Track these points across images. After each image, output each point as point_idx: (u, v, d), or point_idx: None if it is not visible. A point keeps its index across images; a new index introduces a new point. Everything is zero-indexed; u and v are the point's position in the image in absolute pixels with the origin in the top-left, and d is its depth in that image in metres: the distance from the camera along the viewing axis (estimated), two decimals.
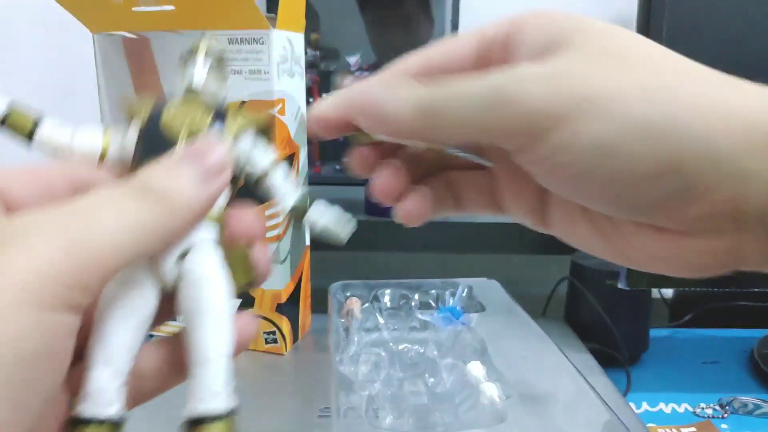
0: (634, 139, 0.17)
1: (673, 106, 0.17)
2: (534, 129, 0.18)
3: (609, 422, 0.39)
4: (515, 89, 0.18)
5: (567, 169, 0.18)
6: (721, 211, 0.17)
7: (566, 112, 0.17)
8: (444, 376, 0.43)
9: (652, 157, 0.17)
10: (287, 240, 0.53)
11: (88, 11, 0.50)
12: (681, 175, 0.17)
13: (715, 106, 0.17)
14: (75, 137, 0.22)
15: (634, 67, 0.18)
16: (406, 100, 0.19)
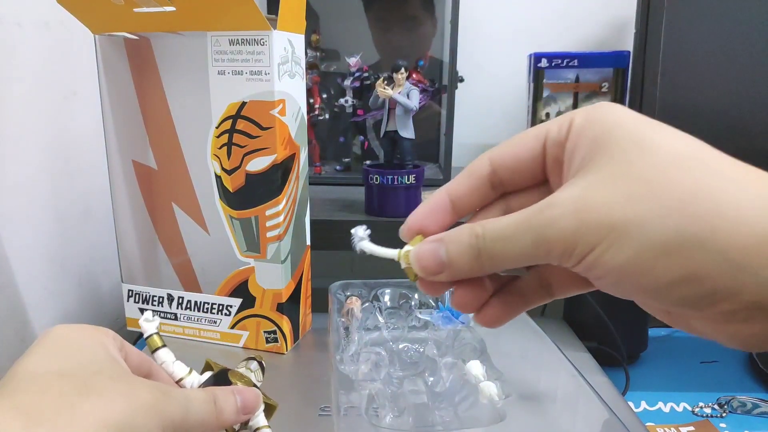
0: (652, 257, 0.19)
1: (688, 226, 0.19)
2: (569, 255, 0.21)
3: (608, 421, 0.39)
4: (551, 230, 0.21)
5: (602, 280, 0.21)
6: (748, 307, 0.19)
7: (594, 240, 0.20)
8: (443, 375, 0.43)
9: (671, 271, 0.19)
10: (288, 240, 0.53)
11: (89, 12, 0.50)
12: (701, 284, 0.19)
13: (729, 221, 0.19)
14: (174, 364, 0.36)
15: (654, 190, 0.20)
16: (461, 254, 0.23)
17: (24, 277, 0.57)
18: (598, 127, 0.22)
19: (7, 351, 0.55)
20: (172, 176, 0.54)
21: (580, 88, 1.01)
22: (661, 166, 0.20)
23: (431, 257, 0.24)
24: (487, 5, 1.14)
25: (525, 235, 0.22)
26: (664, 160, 0.20)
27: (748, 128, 0.56)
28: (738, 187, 0.19)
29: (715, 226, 0.19)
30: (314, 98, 0.93)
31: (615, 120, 0.22)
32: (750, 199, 0.19)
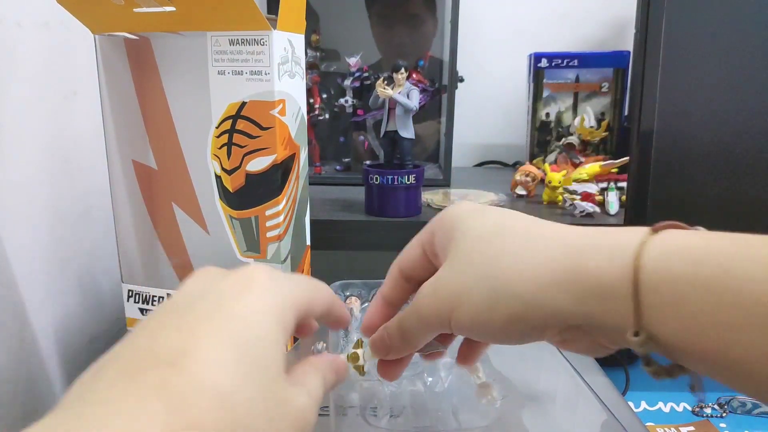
0: (485, 311, 0.27)
1: (495, 284, 0.27)
2: (441, 324, 0.29)
3: (606, 421, 0.39)
4: (424, 309, 0.30)
5: (468, 333, 0.30)
6: (566, 329, 0.26)
7: (447, 309, 0.28)
8: (442, 376, 0.43)
9: (500, 318, 0.26)
10: (288, 240, 0.53)
11: (89, 12, 0.50)
12: (524, 322, 0.26)
13: (519, 273, 0.26)
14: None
15: (472, 262, 0.28)
16: (393, 336, 0.32)
17: (24, 277, 0.57)
18: (446, 226, 0.31)
19: (7, 351, 0.55)
20: (172, 176, 0.54)
21: (580, 88, 1.01)
22: (473, 244, 0.28)
23: (380, 341, 0.33)
24: (488, 5, 1.14)
25: (413, 318, 0.31)
26: (476, 238, 0.28)
27: (749, 128, 0.56)
28: (528, 245, 0.27)
29: (511, 279, 0.26)
30: (314, 98, 0.93)
31: (454, 218, 0.31)
32: (537, 252, 0.26)
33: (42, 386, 0.60)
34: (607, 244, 0.25)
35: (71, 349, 0.65)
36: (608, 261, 0.24)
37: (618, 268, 0.23)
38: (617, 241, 0.25)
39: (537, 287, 0.25)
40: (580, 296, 0.24)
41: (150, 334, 0.22)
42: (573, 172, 0.81)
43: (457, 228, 0.30)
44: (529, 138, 1.05)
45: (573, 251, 0.25)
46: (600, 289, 0.24)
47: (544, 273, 0.25)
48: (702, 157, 0.56)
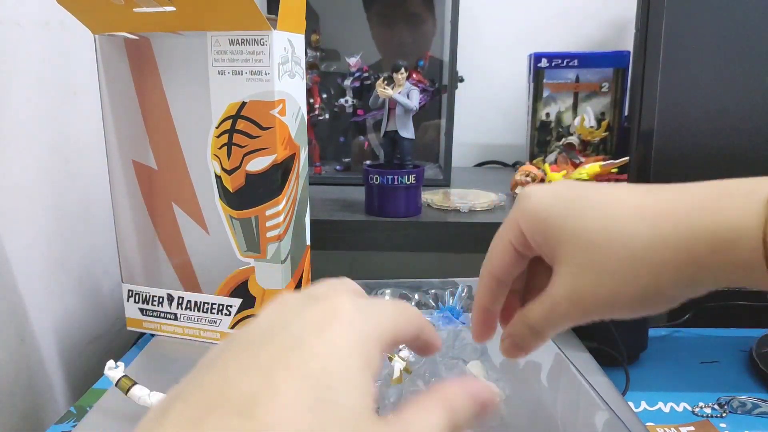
0: (638, 306, 0.29)
1: (643, 286, 0.28)
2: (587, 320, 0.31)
3: (608, 421, 0.39)
4: (567, 315, 0.31)
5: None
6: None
7: (598, 313, 0.30)
8: (444, 376, 0.43)
9: (653, 307, 0.28)
10: (288, 240, 0.53)
11: (89, 12, 0.50)
12: (673, 297, 0.28)
13: (657, 259, 0.27)
14: (151, 395, 0.41)
15: (614, 271, 0.28)
16: (524, 337, 0.33)
17: (24, 277, 0.57)
18: (542, 227, 0.31)
19: (7, 351, 0.55)
20: (172, 176, 0.54)
21: (580, 88, 1.01)
22: (593, 248, 0.29)
23: (514, 347, 0.34)
24: (488, 5, 1.14)
25: (554, 318, 0.31)
26: (589, 242, 0.29)
27: (750, 128, 0.56)
28: (640, 233, 0.27)
29: (643, 273, 0.27)
30: (314, 98, 0.93)
31: (547, 217, 0.30)
32: (653, 236, 0.27)
33: (42, 386, 0.60)
34: (725, 219, 0.25)
35: (71, 349, 0.65)
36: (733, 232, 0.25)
37: (742, 249, 0.24)
38: (730, 215, 0.25)
39: (672, 267, 0.26)
40: (707, 255, 0.25)
41: (221, 373, 0.20)
42: (573, 172, 0.81)
43: (562, 231, 0.30)
44: (529, 138, 1.05)
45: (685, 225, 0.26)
46: (726, 259, 0.25)
47: (670, 255, 0.26)
48: (702, 157, 0.56)
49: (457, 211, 0.74)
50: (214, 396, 0.19)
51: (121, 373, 0.42)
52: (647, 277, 0.27)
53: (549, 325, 0.31)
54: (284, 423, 0.18)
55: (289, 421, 0.18)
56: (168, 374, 0.49)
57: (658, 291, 0.27)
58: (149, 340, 0.58)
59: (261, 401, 0.18)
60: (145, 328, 0.59)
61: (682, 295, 0.27)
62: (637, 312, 0.28)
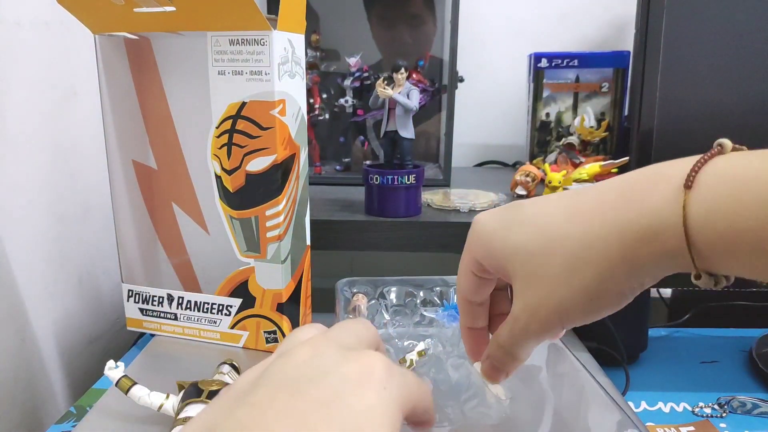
0: (588, 308, 0.29)
1: (585, 288, 0.28)
2: (552, 332, 0.31)
3: (616, 418, 0.39)
4: (533, 329, 0.30)
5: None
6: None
7: (556, 320, 0.30)
8: (450, 375, 0.43)
9: (603, 305, 0.28)
10: (288, 240, 0.53)
11: (89, 12, 0.50)
12: (629, 290, 0.28)
13: (596, 258, 0.28)
14: (150, 395, 0.42)
15: (559, 278, 0.29)
16: (500, 359, 0.34)
17: (24, 277, 0.57)
18: (488, 250, 0.32)
19: (7, 351, 0.55)
20: (172, 176, 0.54)
21: (580, 88, 1.01)
22: (536, 260, 0.29)
23: (492, 370, 0.34)
24: (488, 5, 1.14)
25: (522, 337, 0.31)
26: (530, 255, 0.29)
27: (750, 128, 0.56)
28: (577, 242, 0.28)
29: (589, 275, 0.28)
30: (314, 98, 0.93)
31: (489, 239, 0.31)
32: (592, 239, 0.28)
33: (42, 386, 0.60)
34: (648, 209, 0.25)
35: (71, 349, 0.65)
36: (658, 224, 0.25)
37: (667, 238, 0.25)
38: (652, 206, 0.25)
39: (608, 261, 0.27)
40: (641, 247, 0.26)
41: (258, 413, 0.21)
42: (573, 172, 0.81)
43: (505, 249, 0.30)
44: (529, 138, 1.05)
45: (619, 226, 0.26)
46: (655, 249, 0.25)
47: (609, 251, 0.27)
48: None
49: (457, 211, 0.74)
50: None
51: (121, 373, 0.43)
52: (588, 274, 0.27)
53: (515, 342, 0.32)
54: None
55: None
56: (168, 374, 0.49)
57: (602, 287, 0.27)
58: (149, 340, 0.58)
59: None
60: (145, 328, 0.59)
61: (629, 289, 0.27)
62: (591, 313, 0.29)
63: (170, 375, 0.46)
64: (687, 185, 0.24)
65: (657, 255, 0.25)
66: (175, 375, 0.45)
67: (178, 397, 0.42)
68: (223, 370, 0.45)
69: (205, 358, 0.54)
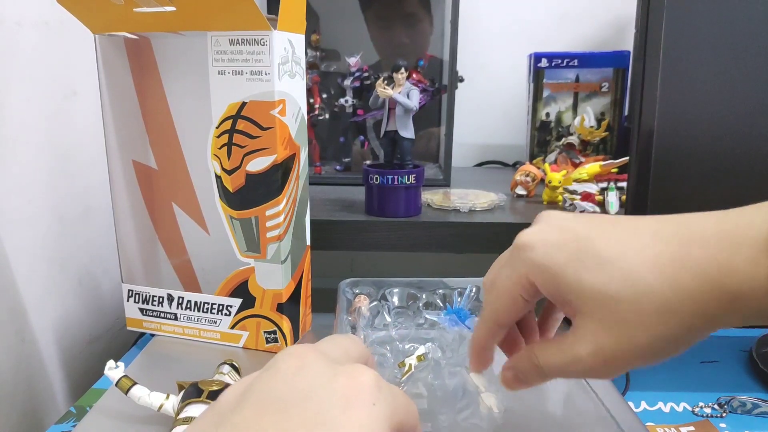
0: (660, 355, 0.29)
1: (662, 340, 0.28)
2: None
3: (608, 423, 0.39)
4: (589, 372, 0.30)
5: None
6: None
7: (622, 369, 0.30)
8: (447, 382, 0.43)
9: (672, 352, 0.29)
10: (288, 240, 0.53)
11: (89, 12, 0.50)
12: (690, 342, 0.29)
13: (674, 309, 0.27)
14: (151, 395, 0.42)
15: (615, 329, 0.29)
16: (528, 376, 0.33)
17: (24, 277, 0.57)
18: (553, 280, 0.30)
19: (7, 351, 0.55)
20: (172, 176, 0.54)
21: (580, 88, 1.01)
22: (614, 305, 0.28)
23: (513, 380, 0.34)
24: (488, 5, 1.14)
25: (569, 373, 0.31)
26: (609, 299, 0.28)
27: (749, 128, 0.56)
28: (653, 290, 0.28)
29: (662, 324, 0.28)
30: (314, 98, 0.93)
31: (558, 271, 0.30)
32: (669, 291, 0.27)
33: (42, 386, 0.60)
34: (734, 271, 0.26)
35: (71, 349, 0.65)
36: (745, 267, 0.25)
37: (759, 298, 0.25)
38: (742, 267, 0.25)
39: (693, 317, 0.27)
40: (725, 305, 0.26)
41: (245, 430, 0.21)
42: (573, 172, 0.81)
43: (579, 286, 0.29)
44: (529, 138, 1.05)
45: (698, 271, 0.27)
46: (745, 307, 0.26)
47: (685, 304, 0.27)
48: (702, 157, 0.56)
49: (457, 211, 0.74)
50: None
51: (121, 373, 0.43)
52: (675, 328, 0.27)
53: (563, 373, 0.31)
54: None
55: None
56: (168, 374, 0.49)
57: (679, 339, 0.28)
58: (149, 340, 0.58)
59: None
60: (145, 328, 0.59)
61: (696, 339, 0.28)
62: (656, 360, 0.29)
63: (170, 375, 0.46)
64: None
65: (740, 313, 0.26)
66: (175, 375, 0.45)
67: (178, 397, 0.42)
68: (223, 371, 0.45)
69: (205, 358, 0.54)
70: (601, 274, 0.29)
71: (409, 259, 0.95)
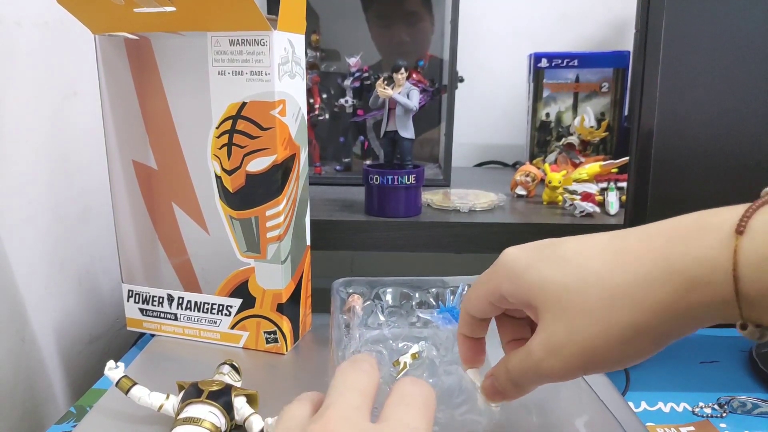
0: (619, 356, 0.29)
1: (621, 330, 0.28)
2: (570, 377, 0.30)
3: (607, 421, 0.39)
4: (545, 369, 0.30)
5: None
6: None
7: (579, 365, 0.29)
8: (443, 380, 0.43)
9: (634, 353, 0.29)
10: (288, 240, 0.53)
11: (89, 12, 0.50)
12: (656, 341, 0.29)
13: (639, 303, 0.27)
14: (151, 395, 0.42)
15: (595, 320, 0.28)
16: (505, 386, 0.34)
17: (24, 277, 0.57)
18: (516, 282, 0.31)
19: (7, 351, 0.55)
20: (172, 176, 0.54)
21: (580, 88, 1.01)
22: (569, 297, 0.29)
23: (493, 390, 0.34)
24: (488, 5, 1.14)
25: (531, 374, 0.31)
26: (565, 291, 0.29)
27: (749, 128, 0.56)
28: (619, 287, 0.27)
29: (626, 318, 0.27)
30: (314, 98, 0.93)
31: (521, 273, 0.31)
32: (635, 287, 0.27)
33: (42, 386, 0.60)
34: (696, 257, 0.25)
35: (71, 349, 0.65)
36: (706, 278, 0.25)
37: (716, 285, 0.24)
38: (702, 253, 0.25)
39: (651, 306, 0.26)
40: (682, 294, 0.26)
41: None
42: (573, 172, 0.81)
43: (537, 282, 0.30)
44: (529, 138, 1.05)
45: (668, 271, 0.26)
46: (703, 297, 0.25)
47: (651, 297, 0.26)
48: (702, 157, 0.56)
49: (457, 211, 0.74)
50: None
51: (121, 373, 0.43)
52: (626, 316, 0.27)
53: (524, 375, 0.31)
54: None
55: None
56: (168, 374, 0.49)
57: (639, 330, 0.27)
58: (149, 340, 0.58)
59: None
60: (145, 328, 0.59)
61: (665, 337, 0.27)
62: (619, 360, 0.28)
63: (170, 375, 0.46)
64: (739, 231, 0.24)
65: (703, 304, 0.25)
66: (175, 375, 0.45)
67: (178, 398, 0.42)
68: (223, 371, 0.45)
69: (205, 358, 0.54)
70: (556, 268, 0.29)
71: (409, 259, 0.95)
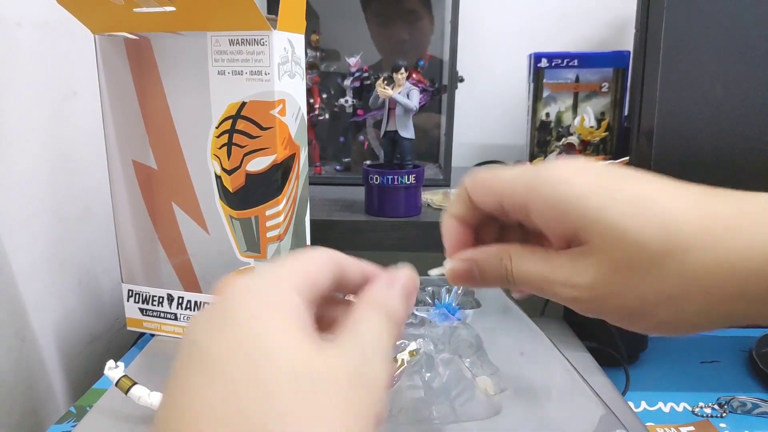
0: (698, 321, 0.25)
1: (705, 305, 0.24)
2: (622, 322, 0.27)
3: (602, 414, 0.39)
4: (584, 309, 0.27)
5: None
6: None
7: (632, 316, 0.26)
8: (440, 371, 0.43)
9: (709, 324, 0.25)
10: (288, 240, 0.53)
11: (89, 12, 0.50)
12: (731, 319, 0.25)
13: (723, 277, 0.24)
14: (151, 395, 0.42)
15: (641, 277, 0.24)
16: (493, 276, 0.29)
17: (24, 277, 0.57)
18: (561, 207, 0.25)
19: (7, 351, 0.55)
20: (172, 176, 0.54)
21: (580, 88, 1.01)
22: (634, 253, 0.24)
23: (465, 276, 0.30)
24: (488, 5, 1.14)
25: (538, 286, 0.27)
26: (636, 246, 0.24)
27: (749, 128, 0.56)
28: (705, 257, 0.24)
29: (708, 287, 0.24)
30: (314, 98, 0.93)
31: (575, 201, 0.25)
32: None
33: (42, 386, 0.60)
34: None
35: (71, 349, 0.65)
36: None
37: None
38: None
39: (727, 296, 0.23)
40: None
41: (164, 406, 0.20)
42: None
43: (594, 221, 0.25)
44: (529, 138, 1.05)
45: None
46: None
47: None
48: (702, 157, 0.56)
49: None
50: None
51: (121, 373, 0.43)
52: (698, 301, 0.24)
53: (532, 285, 0.28)
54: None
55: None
56: (168, 374, 0.49)
57: (706, 310, 0.24)
58: (149, 340, 0.58)
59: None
60: (145, 328, 0.59)
61: (715, 325, 0.25)
62: (652, 328, 0.25)
63: None
64: None
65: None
66: None
67: None
68: None
69: None
70: (632, 215, 0.24)
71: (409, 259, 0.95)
